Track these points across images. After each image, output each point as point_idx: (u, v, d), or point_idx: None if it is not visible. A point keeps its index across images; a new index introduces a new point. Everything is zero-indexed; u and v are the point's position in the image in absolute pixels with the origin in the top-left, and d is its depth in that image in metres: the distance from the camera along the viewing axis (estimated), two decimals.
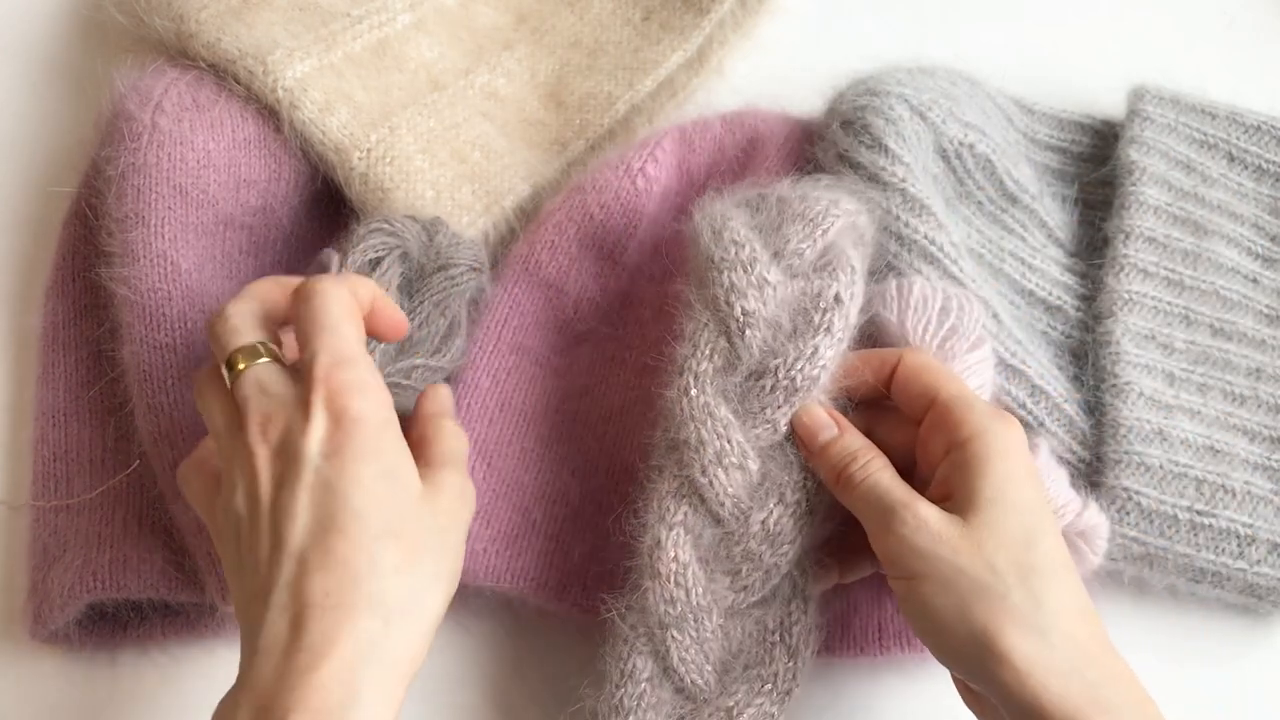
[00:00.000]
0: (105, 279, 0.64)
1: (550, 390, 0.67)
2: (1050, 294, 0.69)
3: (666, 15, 0.76)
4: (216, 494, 0.52)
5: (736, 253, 0.57)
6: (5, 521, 0.66)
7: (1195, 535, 0.62)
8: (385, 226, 0.62)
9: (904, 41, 0.80)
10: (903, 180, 0.63)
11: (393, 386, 0.59)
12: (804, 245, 0.58)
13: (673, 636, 0.56)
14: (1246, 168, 0.73)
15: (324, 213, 0.70)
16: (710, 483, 0.56)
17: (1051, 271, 0.69)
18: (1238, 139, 0.73)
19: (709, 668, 0.56)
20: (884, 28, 0.82)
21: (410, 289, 0.62)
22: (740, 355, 0.56)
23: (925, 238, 0.63)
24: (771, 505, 0.56)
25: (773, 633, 0.56)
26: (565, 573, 0.63)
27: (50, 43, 0.78)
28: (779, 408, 0.56)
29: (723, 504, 0.56)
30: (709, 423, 0.56)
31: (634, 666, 0.56)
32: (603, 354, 0.68)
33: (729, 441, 0.56)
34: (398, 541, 0.48)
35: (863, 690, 0.64)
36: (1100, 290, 0.68)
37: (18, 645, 0.63)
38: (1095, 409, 0.65)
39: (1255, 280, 0.70)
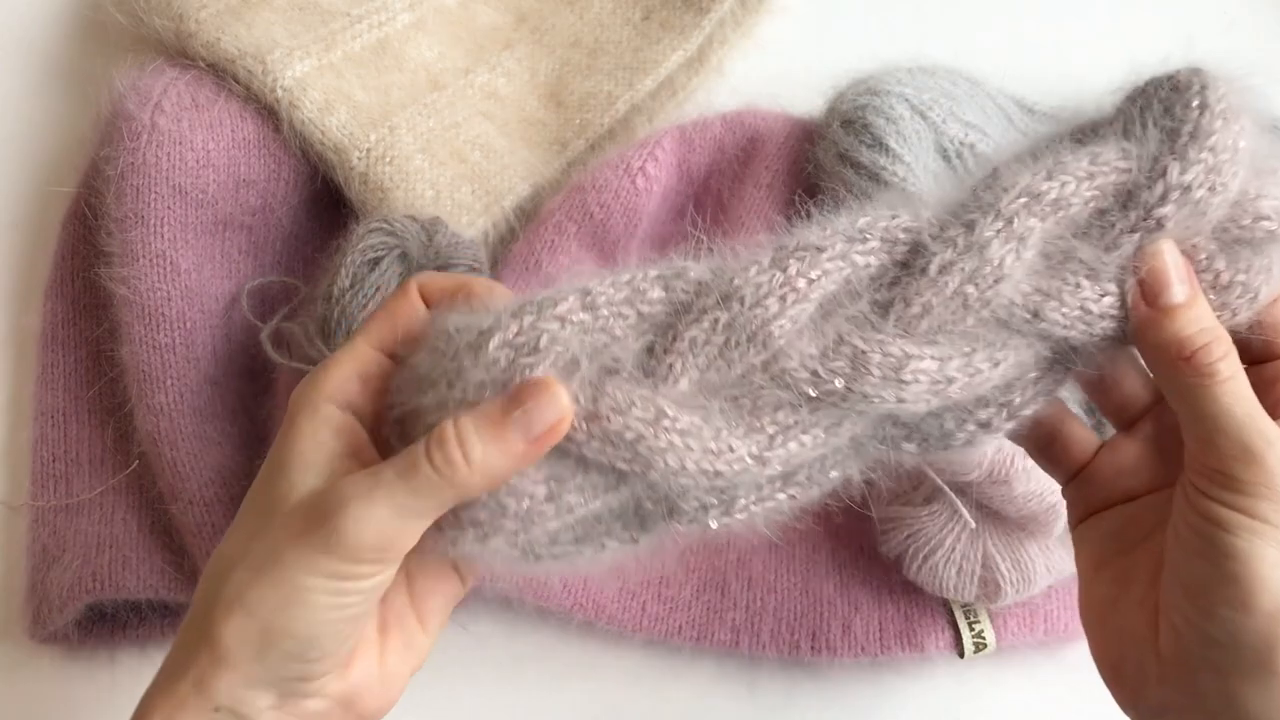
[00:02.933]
0: (105, 279, 0.64)
1: None
2: None
3: (666, 15, 0.76)
4: None
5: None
6: (5, 521, 0.66)
7: None
8: (384, 226, 0.62)
9: (904, 41, 0.80)
10: (903, 180, 0.63)
11: None
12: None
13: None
14: None
15: (324, 213, 0.70)
16: None
17: None
18: None
19: None
20: (884, 28, 0.82)
21: None
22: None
23: None
24: None
25: None
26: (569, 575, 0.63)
27: (50, 43, 0.78)
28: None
29: None
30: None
31: None
32: None
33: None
34: (227, 553, 0.42)
35: (863, 690, 0.64)
36: None
37: (18, 645, 0.63)
38: (1094, 410, 0.65)
39: None
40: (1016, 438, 0.49)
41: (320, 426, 0.42)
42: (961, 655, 0.62)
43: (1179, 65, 0.48)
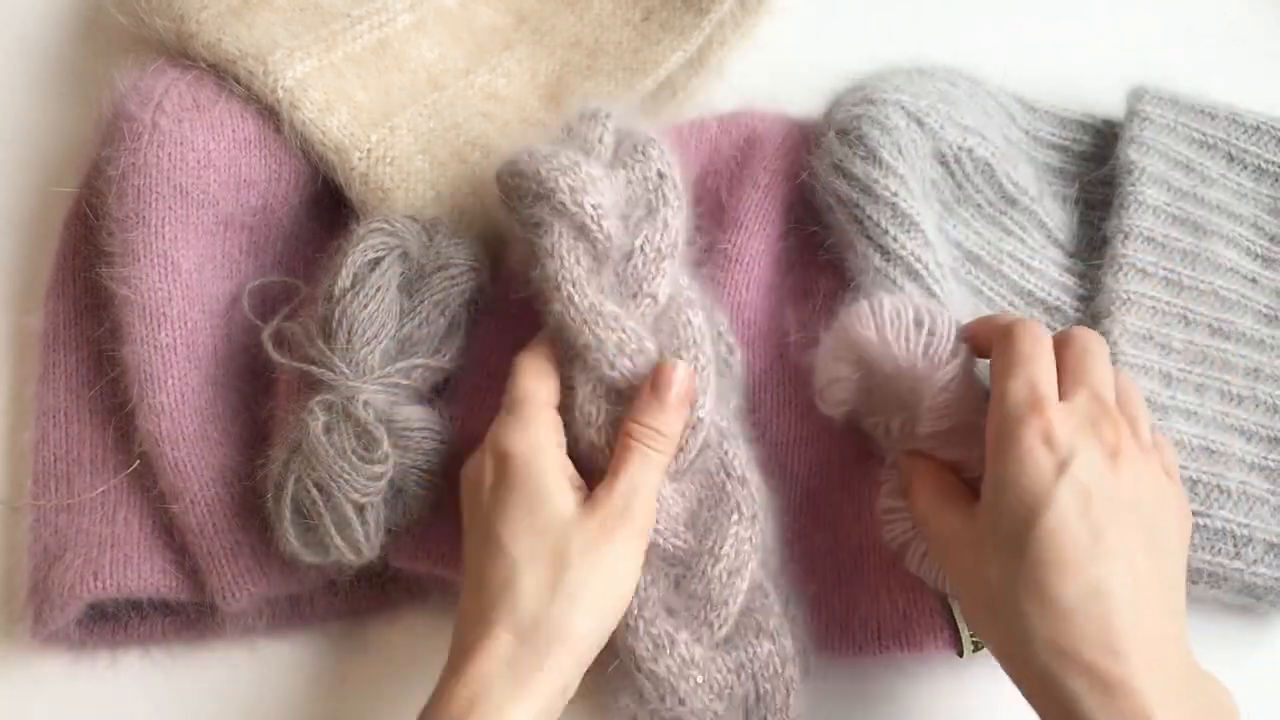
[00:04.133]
0: (106, 279, 0.65)
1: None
2: (1049, 294, 0.69)
3: (666, 15, 0.77)
4: None
5: (556, 162, 0.60)
6: (6, 521, 0.66)
7: (1192, 535, 0.62)
8: (385, 226, 0.62)
9: (903, 41, 0.80)
10: (894, 194, 0.63)
11: (392, 387, 0.59)
12: (600, 136, 0.62)
13: None
14: (1246, 168, 0.73)
15: (324, 213, 0.70)
16: (621, 374, 0.58)
17: (1050, 272, 0.69)
18: (1237, 139, 0.73)
19: (681, 528, 0.59)
20: (883, 28, 0.82)
21: (410, 289, 0.62)
22: (604, 249, 0.60)
23: (911, 254, 0.63)
24: None
25: (718, 473, 0.60)
26: None
27: (50, 43, 0.79)
28: (654, 278, 0.59)
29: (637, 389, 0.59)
30: (600, 320, 0.58)
31: None
32: None
33: (624, 331, 0.58)
34: (540, 565, 0.53)
35: (863, 690, 0.64)
36: (1099, 290, 0.68)
37: (18, 645, 0.63)
38: None
39: (1254, 280, 0.70)
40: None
41: (554, 464, 0.56)
42: (960, 654, 0.62)
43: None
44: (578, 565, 0.53)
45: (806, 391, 0.64)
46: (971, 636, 0.62)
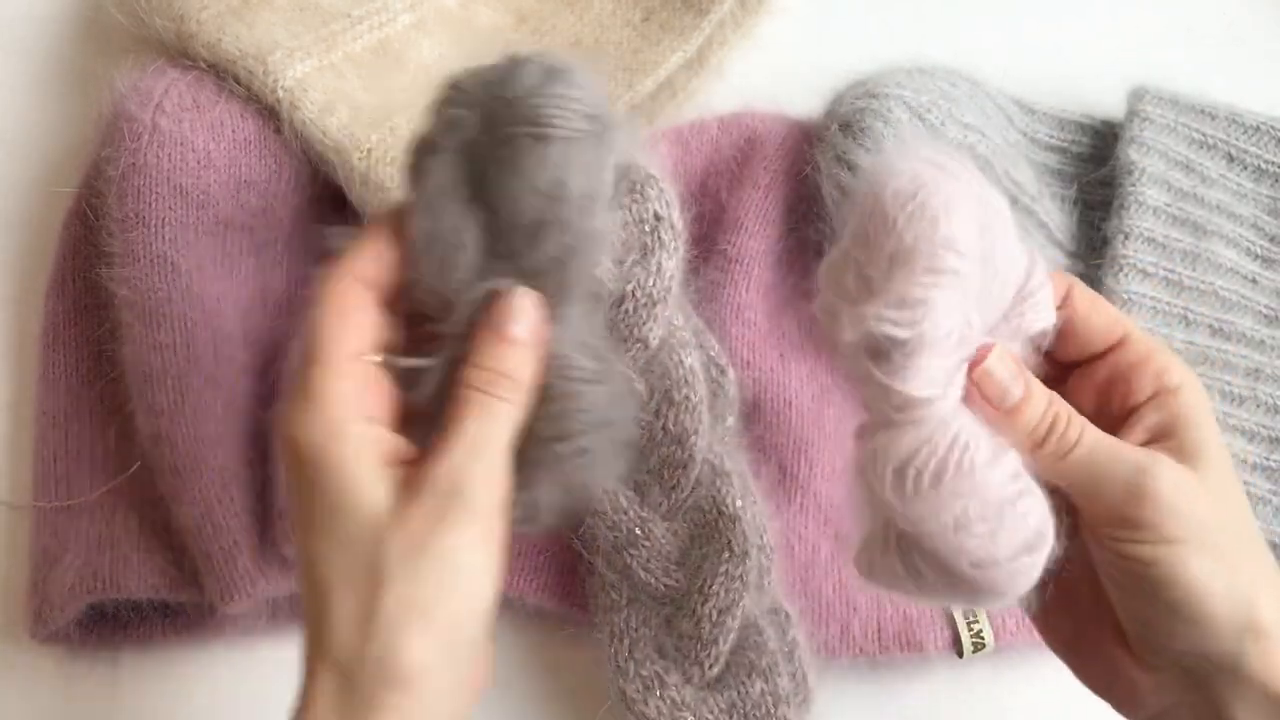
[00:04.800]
0: (105, 279, 0.64)
1: None
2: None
3: (666, 16, 0.76)
4: None
5: None
6: (5, 521, 0.66)
7: None
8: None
9: (903, 41, 0.80)
10: None
11: None
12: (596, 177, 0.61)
13: (630, 554, 0.59)
14: (1246, 168, 0.73)
15: (324, 213, 0.70)
16: None
17: None
18: (1237, 139, 0.73)
19: (672, 567, 0.59)
20: (883, 28, 0.82)
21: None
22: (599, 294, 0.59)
23: None
24: (665, 409, 0.58)
25: (710, 510, 0.59)
26: (563, 572, 0.63)
27: (50, 43, 0.78)
28: (645, 324, 0.58)
29: None
30: None
31: (611, 597, 0.59)
32: None
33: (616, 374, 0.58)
34: (350, 587, 0.42)
35: (861, 691, 0.64)
36: (1099, 290, 0.68)
37: (18, 645, 0.63)
38: None
39: (1254, 281, 0.70)
40: None
41: (356, 447, 0.42)
42: (960, 655, 0.62)
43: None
44: (398, 580, 0.41)
45: (807, 392, 0.64)
46: (972, 637, 0.62)
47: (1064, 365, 0.49)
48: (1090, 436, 0.45)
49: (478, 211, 0.44)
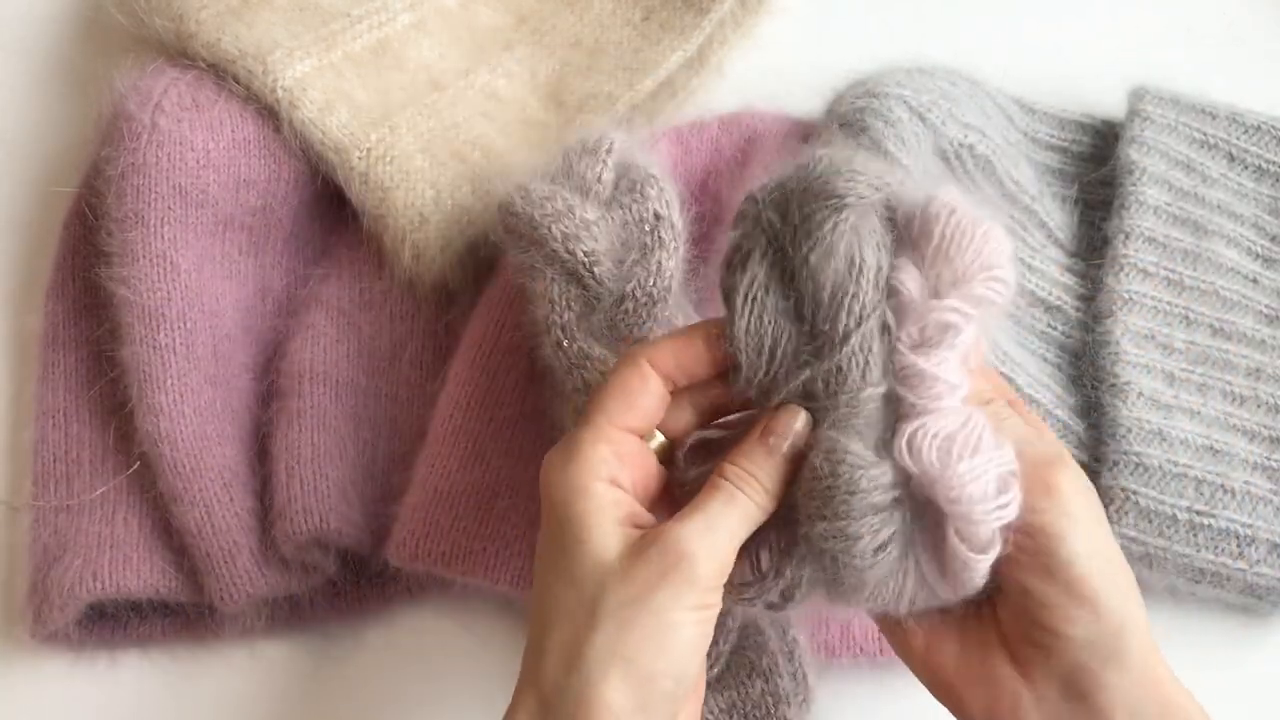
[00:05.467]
0: (105, 279, 0.65)
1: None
2: (1050, 294, 0.69)
3: (666, 15, 0.77)
4: None
5: (550, 207, 0.60)
6: (5, 521, 0.66)
7: (1194, 535, 0.62)
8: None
9: (903, 41, 0.80)
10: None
11: None
12: (599, 174, 0.61)
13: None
14: (1246, 168, 0.73)
15: (324, 213, 0.70)
16: None
17: (1051, 272, 0.69)
18: (1238, 139, 0.73)
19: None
20: (883, 28, 0.82)
21: None
22: (595, 293, 0.59)
23: None
24: None
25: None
26: None
27: (50, 43, 0.79)
28: (645, 323, 0.59)
29: None
30: (589, 365, 0.58)
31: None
32: None
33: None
34: (567, 622, 0.46)
35: (863, 690, 0.64)
36: (1100, 290, 0.68)
37: (18, 645, 0.63)
38: (1094, 409, 0.65)
39: (1255, 280, 0.70)
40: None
41: (599, 504, 0.46)
42: None
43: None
44: (610, 625, 0.44)
45: None
46: None
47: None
48: (1016, 422, 0.49)
49: (787, 299, 0.48)
